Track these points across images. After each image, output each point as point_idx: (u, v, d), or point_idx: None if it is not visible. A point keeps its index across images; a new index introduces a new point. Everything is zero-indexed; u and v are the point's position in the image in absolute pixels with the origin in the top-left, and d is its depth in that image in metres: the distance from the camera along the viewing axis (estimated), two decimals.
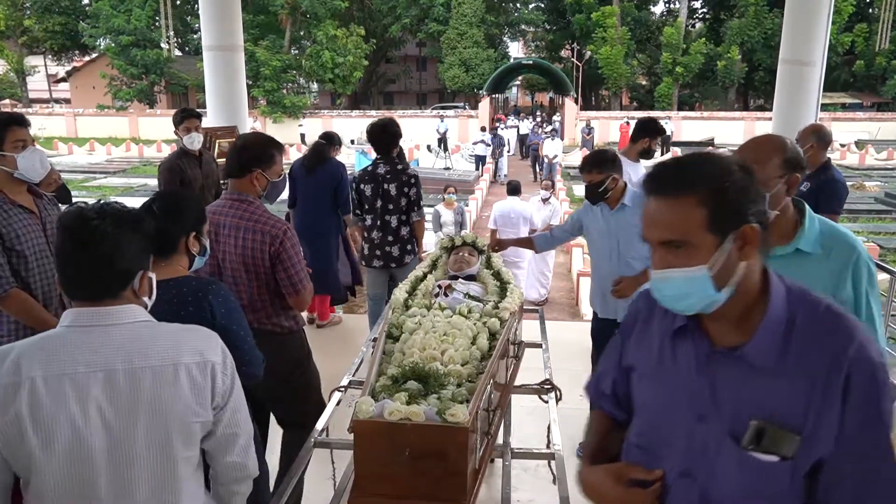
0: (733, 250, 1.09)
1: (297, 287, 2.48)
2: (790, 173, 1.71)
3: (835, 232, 1.77)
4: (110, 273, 1.36)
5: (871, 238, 11.62)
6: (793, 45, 4.83)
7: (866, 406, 1.06)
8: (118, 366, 1.32)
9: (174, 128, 4.58)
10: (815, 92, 4.83)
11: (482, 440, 1.93)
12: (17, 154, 2.58)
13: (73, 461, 1.31)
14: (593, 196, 3.24)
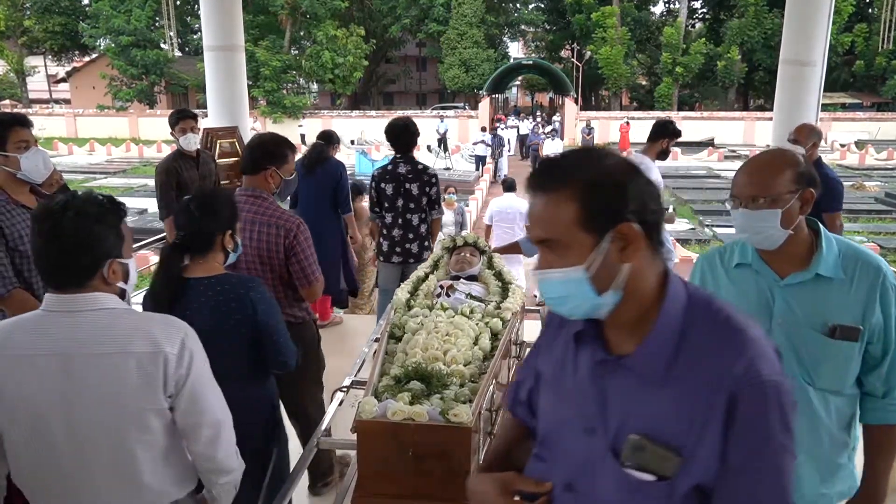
0: (612, 251, 1.00)
1: (309, 279, 2.58)
2: (803, 188, 1.59)
3: (856, 253, 1.65)
4: (74, 264, 1.42)
5: (871, 238, 11.62)
6: (793, 45, 4.84)
7: (753, 432, 0.96)
8: (73, 351, 1.40)
9: (170, 129, 4.57)
10: (816, 92, 4.84)
11: (485, 440, 1.94)
12: (21, 155, 2.59)
13: (35, 439, 1.42)
14: None
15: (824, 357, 1.62)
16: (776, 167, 1.60)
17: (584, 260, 1.00)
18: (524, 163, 23.30)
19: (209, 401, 1.53)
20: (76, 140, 29.68)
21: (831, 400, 1.64)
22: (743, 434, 0.97)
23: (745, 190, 1.62)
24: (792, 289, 1.63)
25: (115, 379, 1.41)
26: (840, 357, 1.61)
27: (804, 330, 1.62)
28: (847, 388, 1.64)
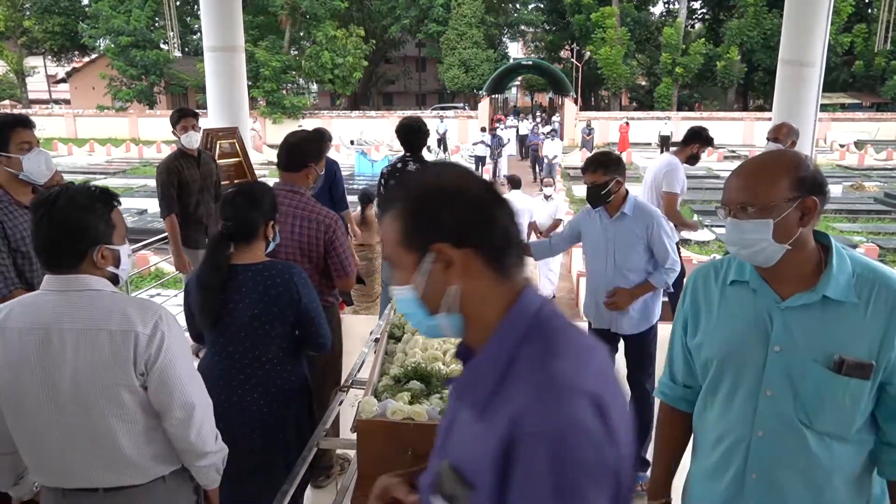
0: (436, 271, 0.96)
1: (346, 269, 2.82)
2: (804, 196, 1.37)
3: (875, 274, 1.40)
4: (63, 248, 1.55)
5: (871, 238, 11.65)
6: (792, 45, 4.85)
7: (518, 490, 0.86)
8: (52, 326, 1.52)
9: (171, 128, 4.57)
10: (815, 92, 4.84)
11: None
12: (23, 156, 2.60)
13: (20, 405, 1.54)
14: (594, 198, 3.10)
15: (827, 395, 1.39)
16: (771, 171, 1.39)
17: (410, 279, 0.99)
18: (524, 163, 23.31)
19: (181, 383, 1.58)
20: (76, 140, 29.68)
21: (834, 447, 1.41)
22: (512, 490, 0.86)
23: (734, 196, 1.42)
24: (794, 312, 1.41)
25: (89, 354, 1.51)
26: (846, 396, 1.38)
27: (805, 361, 1.39)
28: (852, 434, 1.41)
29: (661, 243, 3.07)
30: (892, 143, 27.22)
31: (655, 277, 3.12)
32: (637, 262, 3.10)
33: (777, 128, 4.39)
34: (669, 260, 3.08)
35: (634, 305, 3.15)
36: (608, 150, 3.31)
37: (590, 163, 3.11)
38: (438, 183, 0.99)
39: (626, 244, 3.09)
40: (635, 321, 3.20)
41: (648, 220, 3.07)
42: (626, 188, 3.16)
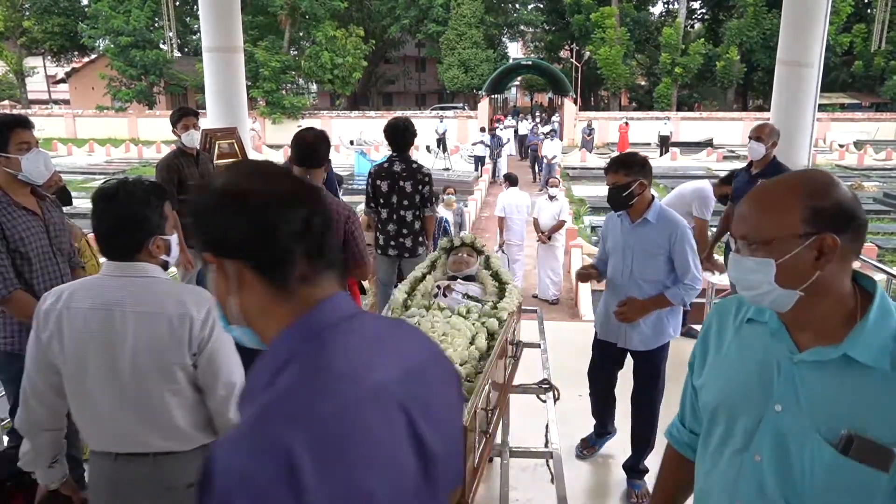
0: (218, 282, 0.94)
1: (364, 257, 3.02)
2: (821, 232, 1.08)
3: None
4: (123, 240, 1.69)
5: (870, 238, 11.66)
6: (790, 46, 4.85)
7: None
8: (115, 307, 1.66)
9: (172, 127, 4.58)
10: (813, 93, 4.84)
11: (480, 439, 1.95)
12: (22, 156, 2.60)
13: (82, 376, 1.68)
14: (615, 200, 2.89)
15: (826, 479, 1.10)
16: (778, 199, 1.13)
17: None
18: (523, 163, 23.32)
19: (226, 364, 1.72)
20: (75, 141, 29.68)
21: None
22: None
23: (735, 226, 1.19)
24: (806, 368, 1.13)
25: (148, 334, 1.66)
26: (850, 488, 1.08)
27: (807, 431, 1.11)
28: None
29: (683, 256, 2.86)
30: (891, 143, 27.24)
31: (672, 292, 2.89)
32: (655, 272, 2.90)
33: (759, 127, 4.37)
34: (690, 275, 2.87)
35: (647, 320, 2.95)
36: (634, 151, 3.12)
37: (612, 162, 2.92)
38: (219, 189, 0.92)
39: (646, 252, 2.90)
40: (646, 337, 2.98)
41: (672, 230, 2.86)
42: (653, 193, 2.97)
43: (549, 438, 2.26)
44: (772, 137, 4.27)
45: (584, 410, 3.41)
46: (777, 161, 4.34)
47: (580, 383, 3.37)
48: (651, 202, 2.92)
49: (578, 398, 3.42)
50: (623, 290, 2.96)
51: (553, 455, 2.13)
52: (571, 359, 3.39)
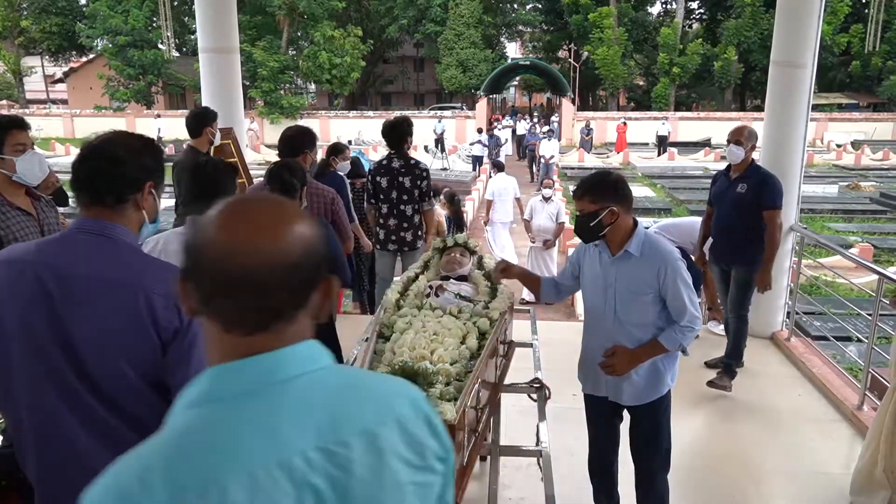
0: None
1: (347, 233, 3.62)
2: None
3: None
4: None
5: (866, 238, 11.68)
6: (784, 47, 4.86)
7: None
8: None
9: (206, 126, 4.50)
10: (807, 94, 4.85)
11: (470, 437, 1.97)
12: (17, 157, 2.61)
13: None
14: (582, 232, 2.46)
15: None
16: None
17: None
18: (521, 163, 23.34)
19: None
20: (73, 140, 29.66)
21: None
22: None
23: None
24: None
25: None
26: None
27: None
28: None
29: (676, 294, 2.39)
30: (888, 143, 27.29)
31: (667, 336, 2.42)
32: (643, 314, 2.43)
33: (738, 130, 4.22)
34: (688, 316, 2.40)
35: (639, 370, 2.48)
36: (605, 171, 2.57)
37: (578, 187, 2.49)
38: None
39: (630, 291, 2.43)
40: (640, 390, 2.51)
41: (660, 264, 2.39)
42: (634, 219, 2.47)
43: (539, 437, 2.27)
44: (751, 140, 4.17)
45: (575, 410, 3.43)
46: (756, 164, 4.28)
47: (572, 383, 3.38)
48: (632, 231, 2.44)
49: (574, 398, 3.43)
50: (605, 335, 2.50)
51: (542, 453, 2.15)
52: (564, 358, 3.40)
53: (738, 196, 4.17)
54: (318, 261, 0.85)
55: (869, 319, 4.10)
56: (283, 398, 0.82)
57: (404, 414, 0.88)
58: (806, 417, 4.00)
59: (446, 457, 0.92)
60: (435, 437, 0.91)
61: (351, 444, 0.82)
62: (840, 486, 3.19)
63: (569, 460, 3.22)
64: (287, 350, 0.83)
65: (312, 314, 0.87)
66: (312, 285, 0.85)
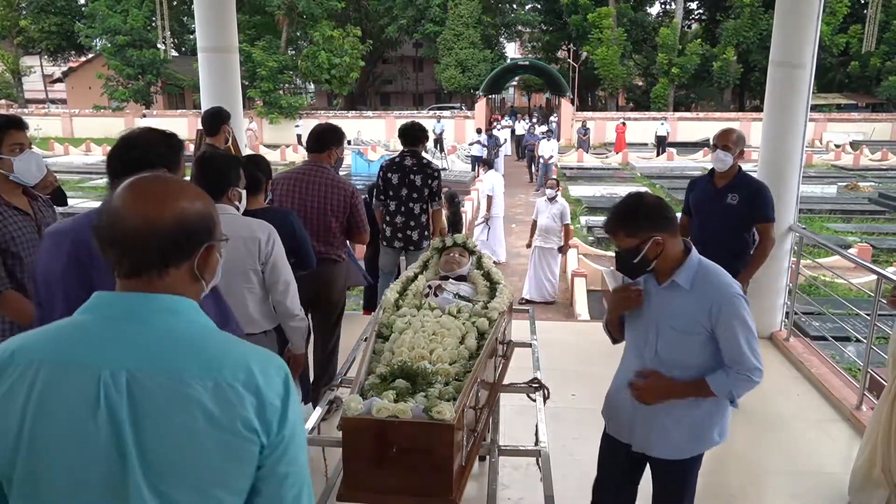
0: None
1: (364, 226, 3.72)
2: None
3: None
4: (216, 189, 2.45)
5: (865, 238, 11.69)
6: (783, 47, 4.86)
7: None
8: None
9: (224, 123, 4.52)
10: (806, 94, 4.85)
11: (469, 437, 1.97)
12: (14, 157, 2.61)
13: None
14: (627, 270, 2.14)
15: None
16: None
17: None
18: (520, 163, 23.34)
19: (283, 269, 2.60)
20: (72, 140, 29.66)
21: None
22: None
23: None
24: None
25: (235, 250, 2.39)
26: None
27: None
28: None
29: (732, 337, 2.02)
30: (887, 143, 27.32)
31: (717, 379, 2.05)
32: (691, 356, 2.08)
33: (725, 134, 3.84)
34: (745, 365, 2.03)
35: (681, 420, 2.13)
36: (637, 195, 2.13)
37: (610, 222, 2.09)
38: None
39: (675, 329, 2.08)
40: (678, 443, 2.14)
41: (714, 299, 2.03)
42: (686, 244, 2.12)
43: (538, 437, 2.27)
44: (739, 145, 3.79)
45: (574, 410, 3.43)
46: (744, 172, 3.91)
47: (571, 383, 3.38)
48: (684, 258, 2.08)
49: (572, 398, 3.44)
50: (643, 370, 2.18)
51: (541, 453, 2.15)
52: (563, 358, 3.40)
53: (729, 207, 3.77)
54: (190, 231, 1.09)
55: (867, 319, 4.11)
56: (128, 327, 1.05)
57: (229, 380, 1.02)
58: (805, 417, 4.00)
59: (268, 433, 1.04)
60: (257, 412, 1.03)
61: (157, 379, 1.00)
62: (839, 485, 3.19)
63: (567, 460, 3.22)
64: (152, 296, 1.07)
65: (190, 275, 1.12)
66: (183, 249, 1.09)
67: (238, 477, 1.03)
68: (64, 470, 1.01)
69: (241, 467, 1.03)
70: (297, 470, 1.09)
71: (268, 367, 1.07)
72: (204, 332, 1.10)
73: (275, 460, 1.06)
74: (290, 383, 1.10)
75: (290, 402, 1.08)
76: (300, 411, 1.12)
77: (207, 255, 1.14)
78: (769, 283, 5.11)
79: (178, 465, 1.01)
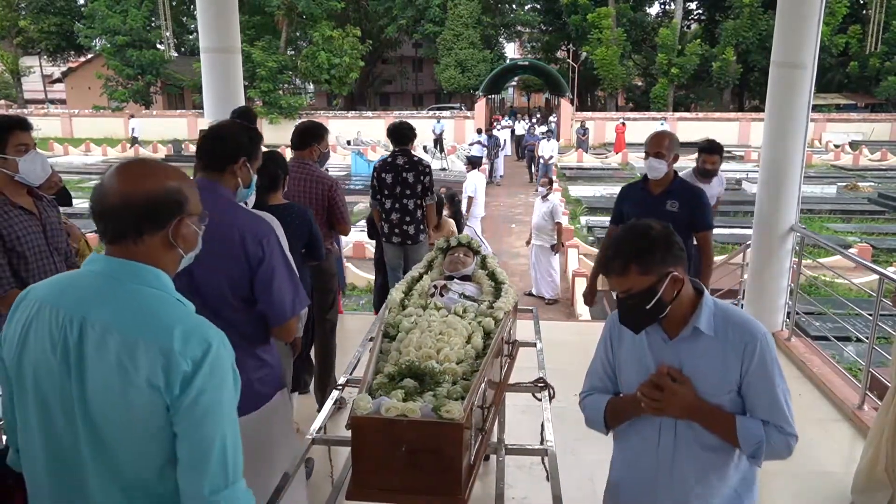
0: None
1: (345, 217, 3.89)
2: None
3: None
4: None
5: (864, 238, 11.71)
6: (784, 48, 4.87)
7: None
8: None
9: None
10: (807, 95, 4.86)
11: (477, 436, 1.97)
12: (19, 157, 2.62)
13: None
14: (636, 319, 1.66)
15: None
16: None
17: None
18: (520, 163, 23.35)
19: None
20: (72, 140, 29.63)
21: None
22: None
23: None
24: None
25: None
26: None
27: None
28: None
29: (768, 387, 1.63)
30: (886, 143, 27.36)
31: (747, 426, 1.63)
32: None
33: (657, 139, 3.56)
34: (785, 426, 1.64)
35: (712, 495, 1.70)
36: (644, 224, 1.65)
37: (612, 257, 1.62)
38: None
39: (702, 392, 1.65)
40: None
41: (748, 340, 1.63)
42: (695, 283, 1.71)
43: (544, 436, 2.28)
44: (673, 150, 3.56)
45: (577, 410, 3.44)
46: (680, 178, 3.76)
47: (574, 383, 3.40)
48: (698, 300, 1.68)
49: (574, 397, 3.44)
50: (656, 461, 1.73)
51: (548, 452, 2.16)
52: (567, 358, 3.41)
53: (669, 215, 3.49)
54: (160, 205, 1.31)
55: (868, 319, 4.12)
56: (103, 283, 1.30)
57: (149, 340, 1.23)
58: (807, 417, 4.00)
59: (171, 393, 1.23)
60: (164, 371, 1.23)
61: (99, 330, 1.25)
62: (841, 485, 3.20)
63: (571, 460, 3.23)
64: (128, 262, 1.30)
65: (165, 242, 1.33)
66: (155, 220, 1.31)
67: (147, 426, 1.25)
68: (35, 390, 1.32)
69: (149, 418, 1.24)
70: (206, 430, 1.24)
71: (190, 336, 1.25)
72: (159, 299, 1.30)
73: (180, 416, 1.24)
74: (214, 357, 1.26)
75: (204, 371, 1.24)
76: (223, 384, 1.28)
77: (180, 226, 1.34)
78: (771, 283, 5.13)
79: (103, 402, 1.25)
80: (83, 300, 1.28)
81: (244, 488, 1.31)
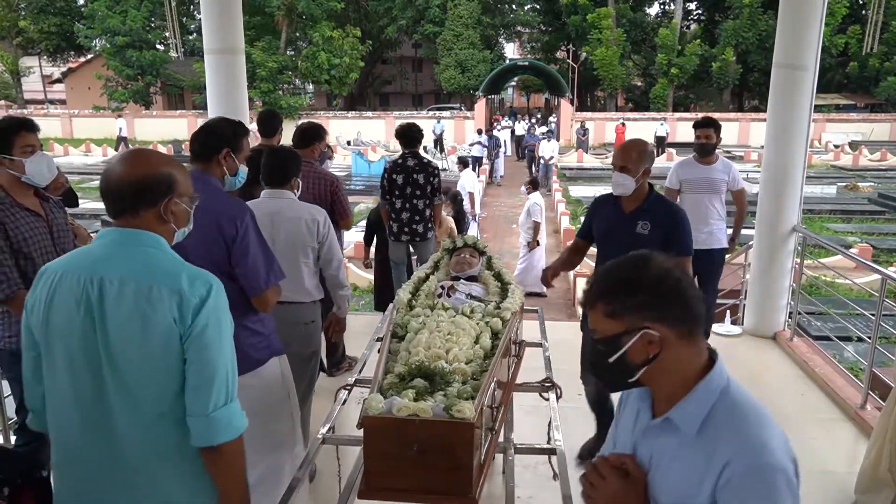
0: None
1: (347, 212, 4.07)
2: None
3: None
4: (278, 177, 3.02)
5: (865, 239, 11.73)
6: (786, 49, 4.89)
7: None
8: (274, 214, 2.94)
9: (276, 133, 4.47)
10: (809, 95, 4.88)
11: (486, 436, 1.99)
12: (26, 159, 2.63)
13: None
14: (596, 367, 1.32)
15: None
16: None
17: None
18: (520, 164, 23.36)
19: (336, 248, 3.06)
20: (72, 141, 29.63)
21: None
22: None
23: None
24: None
25: (295, 229, 2.94)
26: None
27: None
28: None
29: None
30: (886, 143, 27.39)
31: None
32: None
33: (625, 153, 3.10)
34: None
35: None
36: (646, 255, 1.28)
37: (589, 286, 1.30)
38: None
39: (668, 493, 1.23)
40: None
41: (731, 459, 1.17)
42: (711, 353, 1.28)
43: (551, 436, 2.29)
44: (643, 163, 3.06)
45: (581, 410, 3.47)
46: (657, 195, 3.23)
47: (577, 383, 3.43)
48: (698, 377, 1.25)
49: (579, 396, 3.46)
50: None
51: (556, 451, 2.17)
52: (572, 358, 3.42)
53: (638, 238, 3.03)
54: (151, 185, 1.55)
55: (870, 319, 4.13)
56: (111, 249, 1.54)
57: (160, 284, 1.48)
58: (809, 417, 4.02)
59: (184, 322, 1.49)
60: (179, 307, 1.48)
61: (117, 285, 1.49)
62: (844, 484, 3.21)
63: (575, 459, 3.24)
64: (129, 230, 1.55)
65: (158, 217, 1.57)
66: (147, 199, 1.55)
67: (164, 360, 1.48)
68: (62, 348, 1.52)
69: (168, 350, 1.48)
70: (210, 355, 1.50)
71: (195, 279, 1.52)
72: (162, 256, 1.55)
73: (190, 343, 1.49)
74: (216, 294, 1.54)
75: (209, 305, 1.51)
76: (222, 319, 1.54)
77: (169, 204, 1.58)
78: (773, 283, 5.15)
79: (125, 346, 1.48)
80: (99, 262, 1.52)
81: (239, 408, 1.55)
